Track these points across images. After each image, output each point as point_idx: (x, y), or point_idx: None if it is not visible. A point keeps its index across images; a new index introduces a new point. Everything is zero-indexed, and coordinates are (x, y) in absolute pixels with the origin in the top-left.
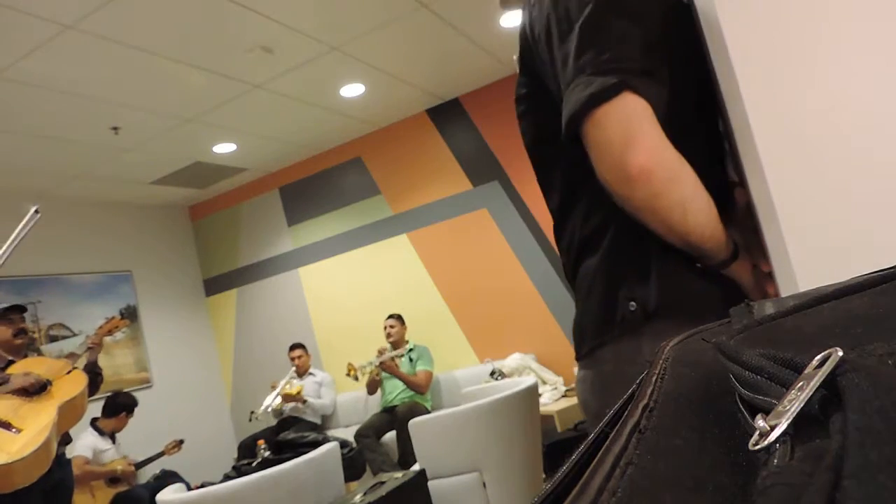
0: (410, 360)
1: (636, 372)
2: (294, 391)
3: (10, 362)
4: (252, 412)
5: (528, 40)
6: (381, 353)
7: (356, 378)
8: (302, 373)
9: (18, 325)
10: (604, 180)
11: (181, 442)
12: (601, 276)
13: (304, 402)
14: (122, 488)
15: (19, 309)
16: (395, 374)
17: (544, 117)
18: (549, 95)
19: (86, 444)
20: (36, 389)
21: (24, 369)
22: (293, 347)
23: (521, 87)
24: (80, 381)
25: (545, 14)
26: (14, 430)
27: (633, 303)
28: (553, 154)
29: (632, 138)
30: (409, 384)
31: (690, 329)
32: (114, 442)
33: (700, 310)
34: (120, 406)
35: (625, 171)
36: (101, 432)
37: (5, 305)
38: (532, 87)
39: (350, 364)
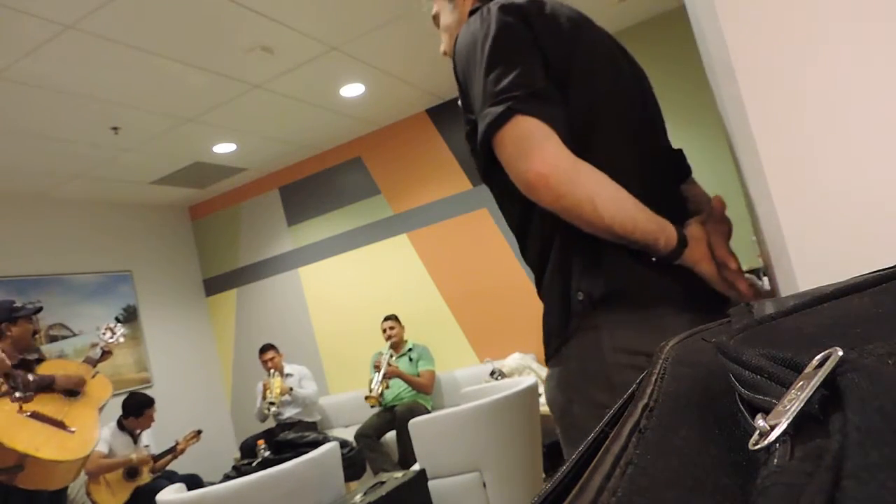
0: (410, 359)
1: (597, 367)
2: (276, 392)
3: (23, 360)
4: (264, 411)
5: (459, 84)
6: (377, 367)
7: (381, 404)
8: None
9: (36, 326)
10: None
11: (199, 432)
12: (556, 274)
13: (291, 389)
14: (141, 482)
15: (40, 310)
16: (401, 377)
17: None
18: None
19: (103, 437)
20: (72, 389)
21: (55, 371)
22: (264, 349)
23: (466, 124)
24: (107, 385)
25: (462, 62)
26: (70, 429)
27: (580, 293)
28: (503, 182)
29: (525, 151)
30: (415, 386)
31: (644, 318)
32: (135, 441)
33: (651, 299)
34: (135, 406)
35: (524, 180)
36: (122, 428)
37: (32, 305)
38: (473, 124)
39: (368, 396)
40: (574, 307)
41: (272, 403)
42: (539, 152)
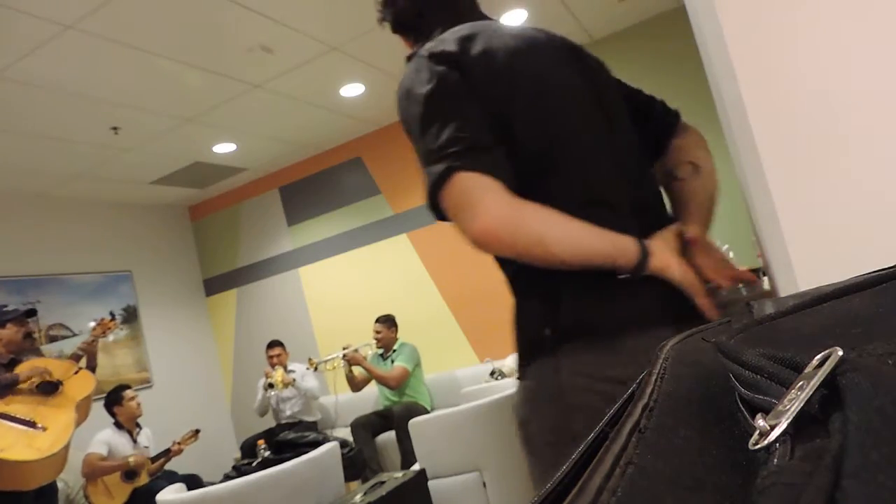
0: (392, 361)
1: (553, 390)
2: (278, 379)
3: (13, 360)
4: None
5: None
6: (344, 349)
7: (315, 369)
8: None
9: (29, 328)
10: None
11: (197, 431)
12: (520, 311)
13: (294, 381)
14: (139, 483)
15: (32, 313)
16: (363, 365)
17: None
18: None
19: (102, 439)
20: (49, 387)
21: (30, 368)
22: (272, 345)
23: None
24: (90, 380)
25: (402, 115)
26: (39, 427)
27: (547, 329)
28: None
29: (467, 210)
30: (377, 377)
31: (603, 343)
32: (135, 442)
33: (612, 323)
34: (112, 399)
35: (473, 238)
36: (119, 427)
37: (24, 309)
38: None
39: (310, 359)
40: (541, 340)
41: (271, 385)
42: (481, 207)
